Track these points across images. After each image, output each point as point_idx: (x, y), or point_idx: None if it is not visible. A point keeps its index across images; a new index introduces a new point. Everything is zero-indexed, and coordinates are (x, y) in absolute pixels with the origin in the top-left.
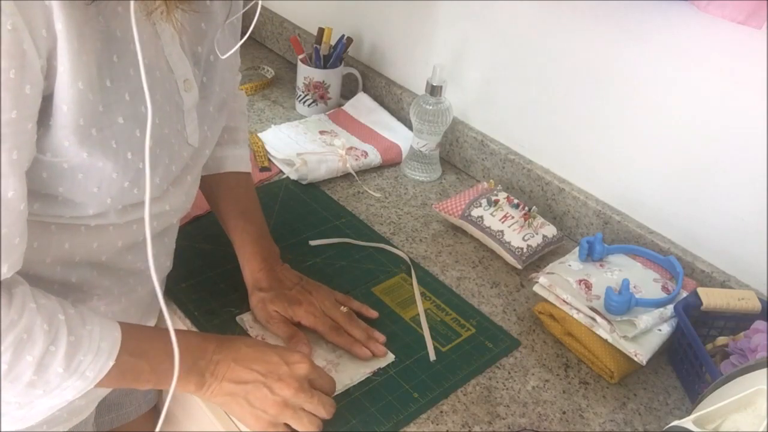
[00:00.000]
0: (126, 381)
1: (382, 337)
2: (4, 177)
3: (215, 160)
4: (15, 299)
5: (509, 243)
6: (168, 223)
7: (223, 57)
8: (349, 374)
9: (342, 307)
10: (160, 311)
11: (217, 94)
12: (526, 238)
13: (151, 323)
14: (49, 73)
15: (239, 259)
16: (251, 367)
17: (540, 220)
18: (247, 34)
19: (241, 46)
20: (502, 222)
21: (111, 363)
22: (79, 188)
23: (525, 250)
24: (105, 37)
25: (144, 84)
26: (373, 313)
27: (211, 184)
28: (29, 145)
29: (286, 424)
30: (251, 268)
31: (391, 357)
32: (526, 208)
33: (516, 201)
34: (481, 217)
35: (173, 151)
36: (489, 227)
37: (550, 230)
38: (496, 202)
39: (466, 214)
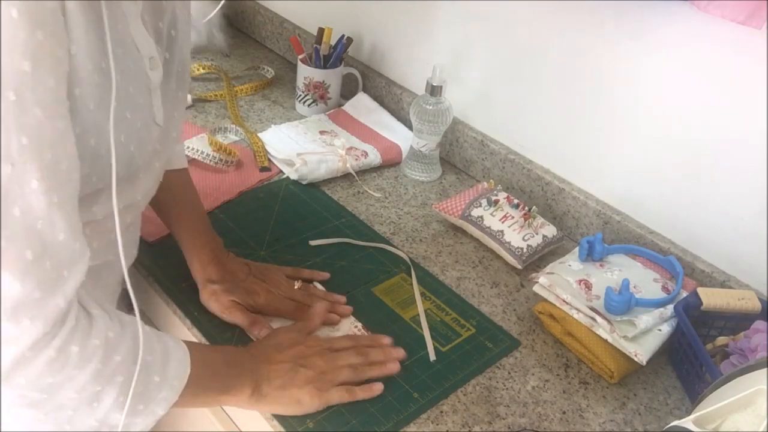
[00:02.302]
0: (198, 393)
1: (342, 299)
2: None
3: None
4: (109, 311)
5: (509, 243)
6: (137, 211)
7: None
8: None
9: (295, 282)
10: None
11: (177, 70)
12: (526, 238)
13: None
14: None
15: (185, 254)
16: (282, 360)
17: (540, 220)
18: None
19: (241, 46)
20: (502, 222)
21: (189, 369)
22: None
23: (525, 250)
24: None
25: (112, 67)
26: (324, 275)
27: None
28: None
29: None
30: (200, 261)
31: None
32: (526, 208)
33: (516, 201)
34: (481, 217)
35: (146, 132)
36: (489, 227)
37: (550, 230)
38: (496, 202)
39: (466, 214)
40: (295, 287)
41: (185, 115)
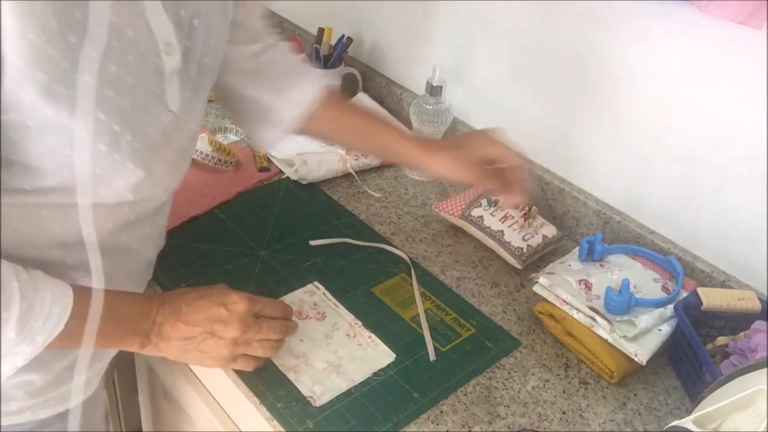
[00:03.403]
0: (71, 343)
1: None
2: None
3: (302, 103)
4: None
5: (509, 243)
6: (159, 201)
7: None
8: (350, 375)
9: None
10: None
11: (201, 60)
12: (526, 238)
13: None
14: None
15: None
16: (195, 323)
17: (540, 220)
18: None
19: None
20: (502, 222)
21: (60, 328)
22: (52, 151)
23: (525, 250)
24: None
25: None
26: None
27: (323, 120)
28: None
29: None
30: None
31: (391, 356)
32: (526, 208)
33: None
34: (481, 217)
35: (152, 116)
36: (489, 227)
37: (550, 230)
38: (496, 202)
39: (466, 214)
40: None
41: (205, 107)
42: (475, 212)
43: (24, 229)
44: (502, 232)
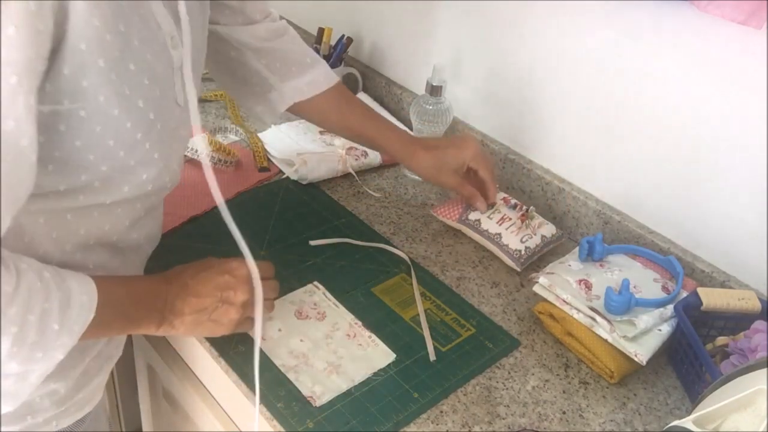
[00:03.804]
0: (100, 332)
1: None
2: (22, 123)
3: (299, 90)
4: (8, 260)
5: (507, 246)
6: (163, 195)
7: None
8: (350, 375)
9: None
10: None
11: (193, 54)
12: (524, 239)
13: None
14: (60, 10)
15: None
16: (205, 294)
17: (538, 219)
18: None
19: None
20: (499, 224)
21: (92, 315)
22: (96, 142)
23: (523, 252)
24: None
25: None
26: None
27: (322, 110)
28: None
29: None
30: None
31: (391, 356)
32: (524, 209)
33: (513, 202)
34: (478, 220)
35: (170, 108)
36: (486, 230)
37: (549, 229)
38: (493, 204)
39: (463, 218)
40: None
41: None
42: (473, 216)
43: (53, 236)
44: (499, 234)
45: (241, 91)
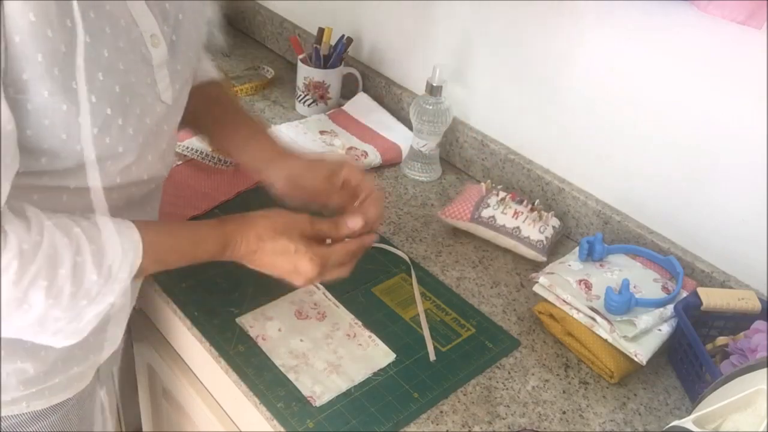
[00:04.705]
0: (159, 266)
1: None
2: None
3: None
4: (32, 221)
5: (528, 238)
6: (147, 189)
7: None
8: (350, 375)
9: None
10: None
11: (184, 53)
12: (542, 230)
13: None
14: None
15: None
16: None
17: (545, 212)
18: None
19: (241, 46)
20: (515, 218)
21: (139, 261)
22: (46, 133)
23: (545, 242)
24: None
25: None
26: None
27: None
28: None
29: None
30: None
31: (391, 356)
32: (530, 203)
33: (518, 197)
34: (493, 216)
35: (146, 104)
36: (503, 225)
37: (555, 221)
38: (503, 200)
39: (476, 216)
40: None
41: (187, 99)
42: (486, 213)
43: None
44: (518, 228)
45: None
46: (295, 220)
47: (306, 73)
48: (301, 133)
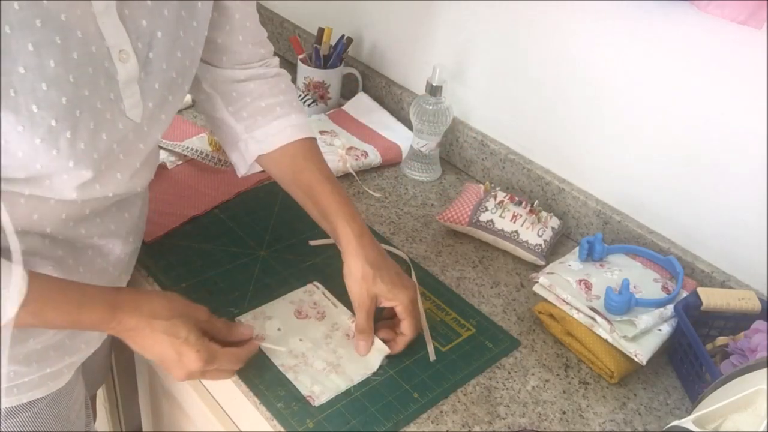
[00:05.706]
0: (39, 324)
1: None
2: None
3: (267, 139)
4: None
5: (526, 242)
6: (114, 200)
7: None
8: (349, 374)
9: None
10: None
11: (165, 72)
12: (540, 233)
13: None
14: None
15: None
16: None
17: (544, 213)
18: None
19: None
20: (513, 222)
21: (22, 298)
22: None
23: (543, 245)
24: None
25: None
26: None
27: (276, 162)
28: None
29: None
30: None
31: (385, 350)
32: (529, 205)
33: (517, 199)
34: (491, 220)
35: (103, 119)
36: (501, 229)
37: (555, 221)
38: (501, 203)
39: (474, 221)
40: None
41: (171, 119)
42: (484, 216)
43: (22, 219)
44: (516, 232)
45: (218, 136)
46: (195, 308)
47: (306, 73)
48: None
